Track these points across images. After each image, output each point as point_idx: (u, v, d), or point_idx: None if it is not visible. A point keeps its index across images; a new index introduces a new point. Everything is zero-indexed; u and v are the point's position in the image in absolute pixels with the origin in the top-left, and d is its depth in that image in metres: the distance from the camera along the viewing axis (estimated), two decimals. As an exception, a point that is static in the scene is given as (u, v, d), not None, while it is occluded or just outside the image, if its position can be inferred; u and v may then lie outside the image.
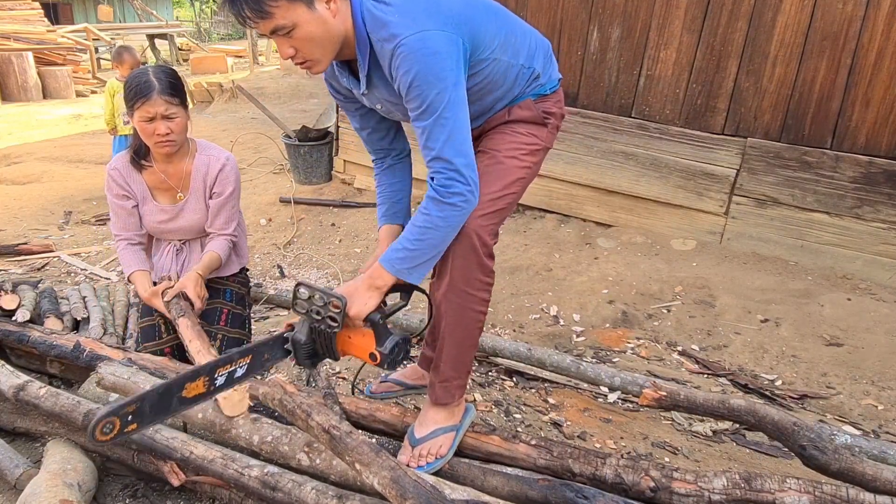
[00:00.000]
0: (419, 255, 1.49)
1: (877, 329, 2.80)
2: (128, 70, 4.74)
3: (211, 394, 1.49)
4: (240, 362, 1.52)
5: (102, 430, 1.28)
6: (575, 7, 3.76)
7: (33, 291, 2.55)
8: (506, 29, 1.58)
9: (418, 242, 1.48)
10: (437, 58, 1.37)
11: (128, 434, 1.33)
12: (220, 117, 8.67)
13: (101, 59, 13.31)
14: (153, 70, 2.06)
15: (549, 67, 1.71)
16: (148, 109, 2.00)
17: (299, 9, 1.36)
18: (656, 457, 1.98)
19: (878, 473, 1.46)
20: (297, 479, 1.50)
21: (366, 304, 1.53)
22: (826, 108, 3.26)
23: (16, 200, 4.91)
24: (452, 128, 1.42)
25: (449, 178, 1.44)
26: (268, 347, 1.61)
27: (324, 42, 1.42)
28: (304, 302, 1.56)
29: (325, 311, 1.53)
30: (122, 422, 1.32)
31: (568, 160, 3.97)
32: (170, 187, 2.22)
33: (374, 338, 1.57)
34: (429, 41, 1.37)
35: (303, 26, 1.37)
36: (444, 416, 1.67)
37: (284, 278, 3.54)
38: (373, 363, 1.58)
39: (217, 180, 2.22)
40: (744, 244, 3.61)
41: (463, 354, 1.67)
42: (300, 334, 1.61)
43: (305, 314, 1.58)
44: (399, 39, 1.37)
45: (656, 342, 2.78)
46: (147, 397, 1.35)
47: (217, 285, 2.32)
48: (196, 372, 1.45)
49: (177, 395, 1.41)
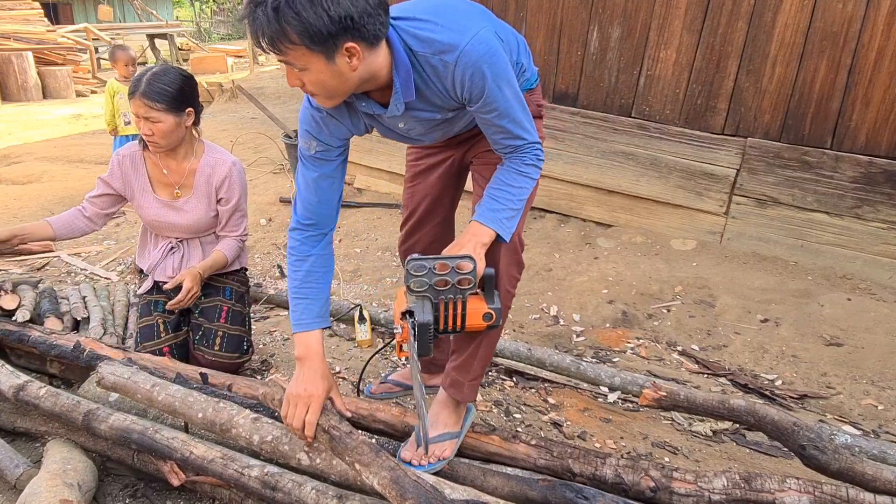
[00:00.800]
0: (518, 212, 1.56)
1: (877, 329, 2.80)
2: (122, 67, 4.74)
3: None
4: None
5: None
6: (575, 7, 3.76)
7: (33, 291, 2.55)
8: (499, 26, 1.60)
9: (520, 202, 1.55)
10: (499, 55, 1.39)
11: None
12: (220, 117, 8.67)
13: (100, 59, 13.31)
14: (153, 71, 2.09)
15: (529, 62, 1.74)
16: (134, 107, 2.07)
17: (316, 58, 1.28)
18: (656, 457, 1.98)
19: (877, 473, 1.46)
20: (297, 479, 1.50)
21: (481, 260, 1.48)
22: (826, 108, 3.26)
23: (16, 200, 4.91)
24: (524, 115, 1.50)
25: (536, 152, 1.55)
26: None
27: (334, 90, 1.37)
28: (421, 278, 1.44)
29: (452, 277, 1.44)
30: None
31: (568, 160, 3.97)
32: (169, 182, 2.25)
33: (484, 296, 1.52)
34: (486, 41, 1.36)
35: (314, 73, 1.31)
36: (454, 419, 1.70)
37: (284, 278, 3.54)
38: (487, 324, 1.51)
39: (224, 186, 2.24)
40: (744, 244, 3.61)
41: (492, 352, 1.74)
42: (425, 314, 1.44)
43: (425, 291, 1.45)
44: (460, 48, 1.34)
45: (656, 342, 2.78)
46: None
47: (216, 283, 2.33)
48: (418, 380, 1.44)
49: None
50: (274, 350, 2.58)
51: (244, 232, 2.35)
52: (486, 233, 1.51)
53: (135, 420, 1.70)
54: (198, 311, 2.29)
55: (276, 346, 2.62)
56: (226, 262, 2.29)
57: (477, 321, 1.51)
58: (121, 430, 1.67)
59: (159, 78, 2.07)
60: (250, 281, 2.61)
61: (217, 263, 2.26)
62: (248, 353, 2.33)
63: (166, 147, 2.17)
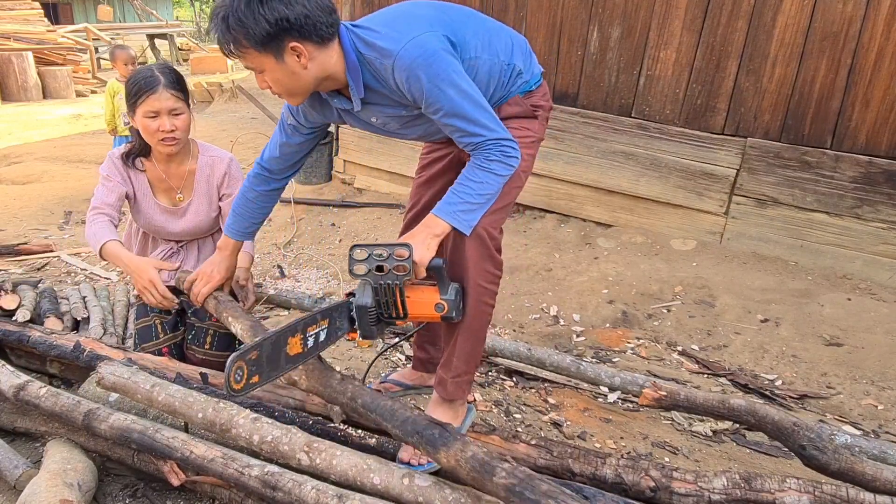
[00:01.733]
0: (479, 207, 1.57)
1: (877, 329, 2.80)
2: (122, 66, 4.73)
3: (305, 356, 1.51)
4: (321, 324, 1.54)
5: (235, 379, 1.34)
6: (575, 7, 3.76)
7: (33, 291, 2.55)
8: (482, 30, 1.65)
9: (480, 196, 1.56)
10: (436, 56, 1.45)
11: (253, 386, 1.39)
12: (220, 117, 8.67)
13: (100, 59, 13.31)
14: (157, 66, 2.04)
15: (529, 63, 1.75)
16: (153, 104, 1.96)
17: (267, 58, 1.47)
18: (656, 457, 1.98)
19: (878, 473, 1.46)
20: (297, 478, 1.50)
21: (428, 250, 1.53)
22: (826, 108, 3.26)
23: (16, 200, 4.91)
24: (482, 107, 1.52)
25: (504, 147, 1.54)
26: (338, 313, 1.57)
27: (293, 88, 1.54)
28: (363, 262, 1.52)
29: (390, 263, 1.49)
30: (248, 370, 1.36)
31: (568, 160, 3.97)
32: (170, 187, 2.19)
33: (437, 287, 1.54)
34: (422, 45, 1.45)
35: (271, 73, 1.50)
36: (450, 415, 1.69)
37: (284, 278, 3.54)
38: (439, 315, 1.54)
39: (225, 182, 2.20)
40: (744, 244, 3.61)
41: (475, 349, 1.70)
42: (364, 297, 1.53)
43: (366, 275, 1.52)
44: (395, 54, 1.46)
45: (656, 342, 2.78)
46: (263, 346, 1.39)
47: None
48: (294, 327, 1.48)
49: (283, 350, 1.45)
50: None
51: None
52: (439, 224, 1.56)
53: (135, 420, 1.70)
54: (191, 310, 2.29)
55: (276, 346, 2.61)
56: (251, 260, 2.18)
57: (427, 311, 1.55)
58: (121, 430, 1.67)
59: (171, 70, 2.03)
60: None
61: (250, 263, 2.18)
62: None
63: (183, 144, 2.10)
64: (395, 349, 2.62)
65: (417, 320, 1.60)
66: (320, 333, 1.53)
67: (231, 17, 1.42)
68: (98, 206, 2.10)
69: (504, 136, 1.54)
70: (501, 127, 1.55)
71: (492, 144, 1.55)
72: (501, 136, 1.54)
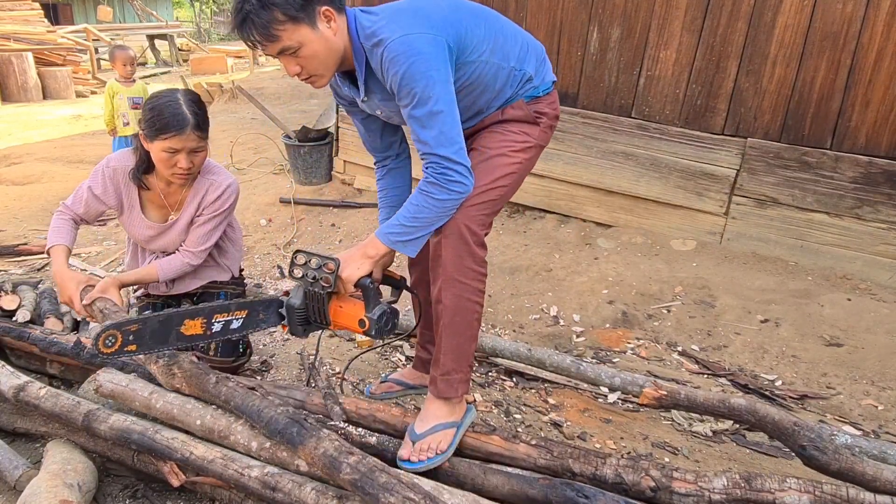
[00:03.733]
0: (414, 230, 1.59)
1: (877, 329, 2.80)
2: (121, 67, 4.73)
3: (207, 337, 1.56)
4: (236, 314, 1.60)
5: (105, 343, 1.36)
6: (575, 7, 3.76)
7: (33, 292, 2.56)
8: (495, 33, 1.65)
9: (414, 220, 1.58)
10: (420, 57, 1.47)
11: (128, 353, 1.44)
12: (221, 118, 8.66)
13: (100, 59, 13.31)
14: (185, 100, 1.94)
15: (542, 70, 1.75)
16: (176, 143, 1.91)
17: (303, 29, 1.47)
18: (656, 457, 1.98)
19: (878, 473, 1.46)
20: (297, 479, 1.50)
21: (358, 269, 1.61)
22: (826, 109, 3.26)
23: (16, 201, 4.90)
24: (443, 121, 1.51)
25: (444, 169, 1.53)
26: (264, 306, 1.66)
27: (327, 58, 1.54)
28: (301, 267, 1.64)
29: (319, 274, 1.61)
30: (123, 338, 1.39)
31: (568, 160, 3.97)
32: (164, 205, 2.16)
33: (364, 305, 1.63)
34: (413, 43, 1.47)
35: (307, 45, 1.49)
36: (445, 412, 1.68)
37: (284, 278, 3.54)
38: (360, 331, 1.63)
39: (211, 207, 2.12)
40: (744, 244, 3.61)
41: (462, 346, 1.69)
42: (295, 299, 1.67)
43: (301, 279, 1.64)
44: (386, 43, 1.48)
45: (656, 342, 2.78)
46: (149, 321, 1.45)
47: (211, 289, 2.31)
48: (196, 311, 1.53)
49: (176, 329, 1.49)
50: (274, 350, 2.58)
51: (200, 253, 2.15)
52: (374, 244, 1.63)
53: (135, 421, 1.70)
54: None
55: (276, 347, 2.62)
56: (155, 280, 2.11)
57: (350, 323, 1.66)
58: (121, 431, 1.67)
59: (197, 105, 1.95)
60: (250, 282, 2.61)
61: (145, 278, 2.10)
62: (245, 355, 2.32)
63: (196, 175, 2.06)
64: (395, 350, 2.62)
65: (341, 329, 1.72)
66: (233, 321, 1.61)
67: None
68: (67, 206, 2.10)
69: (447, 156, 1.52)
70: (455, 149, 1.52)
71: (433, 162, 1.54)
72: (446, 156, 1.52)
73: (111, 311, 1.91)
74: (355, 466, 1.33)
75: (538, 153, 1.78)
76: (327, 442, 1.42)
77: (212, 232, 2.15)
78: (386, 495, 1.27)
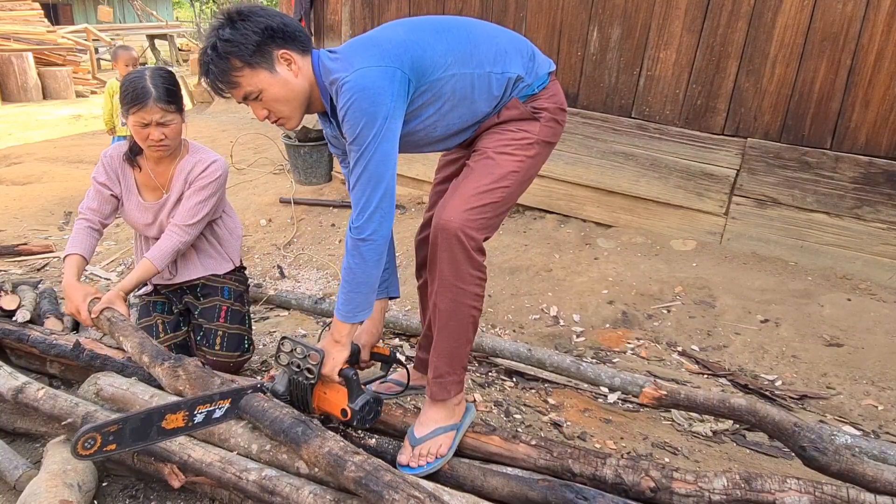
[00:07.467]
0: (353, 295, 1.61)
1: (877, 329, 2.80)
2: (123, 67, 4.73)
3: (188, 429, 1.55)
4: (220, 403, 1.59)
5: (84, 445, 1.36)
6: (575, 7, 3.76)
7: (33, 292, 2.55)
8: (460, 43, 1.62)
9: (348, 284, 1.61)
10: (365, 93, 1.47)
11: (107, 453, 1.40)
12: (221, 117, 8.66)
13: (100, 59, 13.31)
14: (150, 74, 2.03)
15: (532, 67, 1.71)
16: (143, 116, 2.00)
17: (262, 74, 1.51)
18: (656, 457, 1.98)
19: (878, 474, 1.46)
20: (295, 482, 1.50)
21: (335, 360, 1.64)
22: (826, 109, 3.26)
23: (16, 201, 4.90)
24: (371, 159, 1.51)
25: (360, 214, 1.55)
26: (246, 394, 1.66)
27: (291, 101, 1.57)
28: (286, 354, 1.68)
29: (304, 364, 1.64)
30: (103, 440, 1.38)
31: (568, 160, 3.97)
32: (156, 186, 2.22)
33: (347, 394, 1.65)
34: (362, 78, 1.48)
35: (268, 90, 1.53)
36: (444, 415, 1.68)
37: (284, 279, 3.54)
38: (343, 419, 1.66)
39: (198, 180, 2.16)
40: (744, 244, 3.61)
41: (456, 350, 1.67)
42: (279, 385, 1.71)
43: (286, 366, 1.68)
44: (340, 81, 1.50)
45: (656, 342, 2.78)
46: (129, 420, 1.41)
47: (214, 283, 2.31)
48: (178, 405, 1.51)
49: (157, 424, 1.48)
50: (274, 350, 2.58)
51: (192, 226, 2.15)
52: (336, 327, 1.65)
53: (134, 421, 1.70)
54: (197, 311, 2.29)
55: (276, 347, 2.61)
56: (154, 272, 2.11)
57: (334, 411, 1.68)
58: (120, 431, 1.67)
59: (163, 79, 2.03)
60: (250, 281, 2.61)
61: (145, 275, 2.10)
62: (250, 351, 2.33)
63: (174, 149, 2.14)
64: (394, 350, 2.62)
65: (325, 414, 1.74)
66: (216, 411, 1.59)
67: (218, 42, 1.48)
68: (83, 211, 2.22)
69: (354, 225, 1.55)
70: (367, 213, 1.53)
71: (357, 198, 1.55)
72: (354, 224, 1.55)
73: (118, 319, 1.99)
74: (360, 465, 1.33)
75: (544, 150, 1.72)
76: (332, 441, 1.43)
77: (200, 205, 2.15)
78: (391, 493, 1.26)
